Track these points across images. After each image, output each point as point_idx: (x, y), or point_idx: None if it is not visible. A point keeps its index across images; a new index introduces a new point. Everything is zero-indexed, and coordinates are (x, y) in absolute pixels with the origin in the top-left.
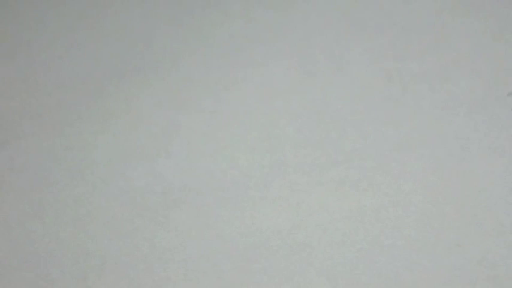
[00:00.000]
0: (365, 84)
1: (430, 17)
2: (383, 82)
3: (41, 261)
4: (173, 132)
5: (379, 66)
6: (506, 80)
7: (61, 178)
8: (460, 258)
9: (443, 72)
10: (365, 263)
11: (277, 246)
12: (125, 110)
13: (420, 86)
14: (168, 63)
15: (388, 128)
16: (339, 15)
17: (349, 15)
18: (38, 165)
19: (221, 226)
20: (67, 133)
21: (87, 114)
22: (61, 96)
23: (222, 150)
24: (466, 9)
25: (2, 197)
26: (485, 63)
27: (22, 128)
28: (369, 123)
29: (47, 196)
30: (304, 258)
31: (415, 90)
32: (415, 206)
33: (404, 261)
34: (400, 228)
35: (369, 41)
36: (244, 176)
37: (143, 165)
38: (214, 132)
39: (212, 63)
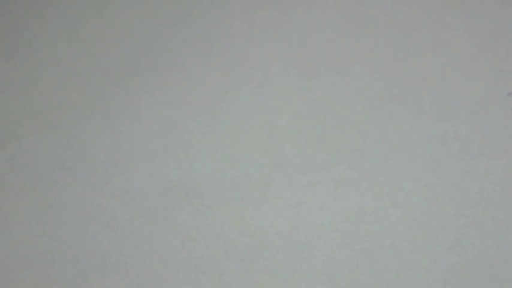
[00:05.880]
0: (365, 84)
1: (430, 17)
2: (383, 82)
3: (41, 261)
4: (173, 132)
5: (379, 66)
6: (506, 80)
7: (61, 178)
8: (460, 258)
9: (443, 72)
10: (365, 263)
11: (277, 246)
12: (125, 110)
13: (420, 86)
14: (168, 63)
15: (388, 128)
16: (338, 15)
17: (349, 15)
18: (38, 165)
19: (221, 226)
20: (67, 133)
21: (87, 114)
22: (61, 96)
23: (222, 150)
24: (466, 9)
25: (2, 197)
26: (485, 63)
27: (22, 128)
28: (369, 123)
29: (47, 196)
30: (304, 258)
31: (415, 90)
32: (415, 206)
33: (404, 261)
34: (400, 228)
35: (369, 41)
36: (244, 176)
37: (143, 165)
38: (214, 132)
39: (212, 63)
